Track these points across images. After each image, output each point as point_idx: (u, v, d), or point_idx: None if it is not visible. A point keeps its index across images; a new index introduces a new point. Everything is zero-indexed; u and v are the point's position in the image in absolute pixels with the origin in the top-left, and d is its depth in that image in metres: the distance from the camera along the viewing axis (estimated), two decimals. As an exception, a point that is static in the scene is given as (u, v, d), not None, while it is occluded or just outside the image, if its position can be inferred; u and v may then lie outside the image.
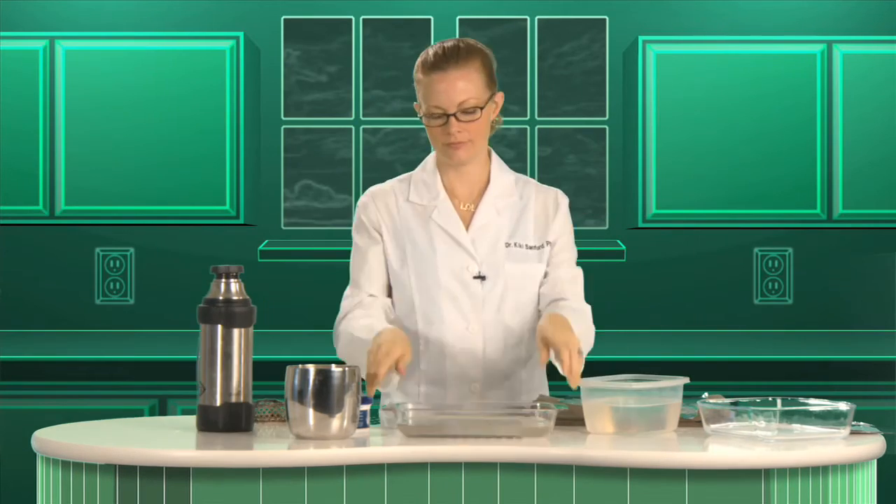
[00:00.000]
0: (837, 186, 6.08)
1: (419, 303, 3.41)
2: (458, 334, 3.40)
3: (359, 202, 3.52)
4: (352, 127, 6.48)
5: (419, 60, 3.40)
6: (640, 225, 6.14)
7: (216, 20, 6.34)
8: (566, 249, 3.51)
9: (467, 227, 3.44)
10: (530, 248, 3.45)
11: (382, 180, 3.58)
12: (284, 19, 6.46)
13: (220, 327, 3.10)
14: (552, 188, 3.55)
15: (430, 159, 3.51)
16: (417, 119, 6.44)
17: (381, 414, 3.26)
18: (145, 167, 6.06)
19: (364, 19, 6.46)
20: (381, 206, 3.48)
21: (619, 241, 6.40)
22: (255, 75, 6.32)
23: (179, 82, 6.06)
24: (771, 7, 6.37)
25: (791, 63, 6.08)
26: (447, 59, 3.34)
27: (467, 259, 3.41)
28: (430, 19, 6.45)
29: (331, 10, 6.47)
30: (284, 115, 6.47)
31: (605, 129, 6.43)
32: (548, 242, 3.46)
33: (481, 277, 3.40)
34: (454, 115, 3.34)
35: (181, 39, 6.12)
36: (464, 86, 3.33)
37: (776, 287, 6.45)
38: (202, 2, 6.38)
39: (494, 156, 3.52)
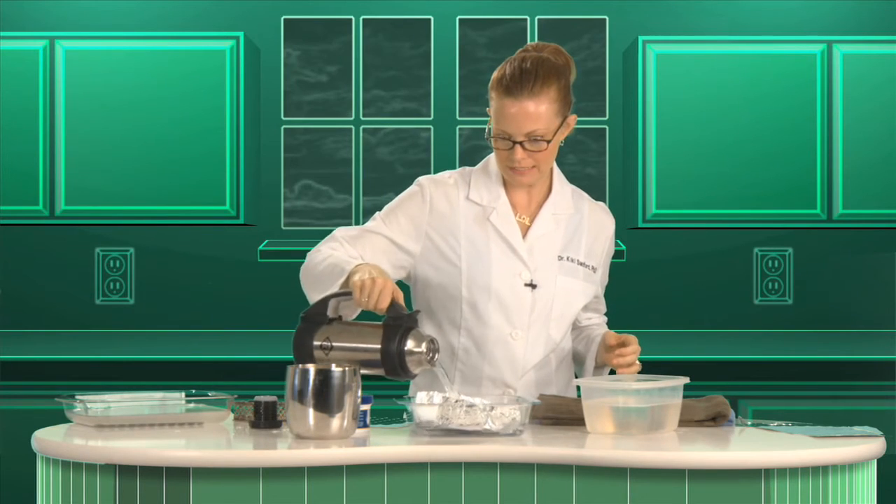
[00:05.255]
0: (837, 186, 6.08)
1: (466, 301, 3.36)
2: (502, 339, 3.35)
3: (420, 183, 3.40)
4: (352, 127, 6.48)
5: (496, 75, 3.28)
6: (640, 225, 6.14)
7: (216, 20, 6.34)
8: (602, 290, 3.57)
9: (524, 235, 3.38)
10: (580, 264, 3.42)
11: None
12: (284, 19, 6.46)
13: None
14: (602, 206, 3.54)
15: (493, 161, 3.40)
16: (417, 119, 6.48)
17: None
18: (145, 167, 6.06)
19: (364, 19, 6.46)
20: (441, 197, 3.38)
21: (619, 241, 6.39)
22: (255, 75, 6.32)
23: (179, 82, 6.06)
24: (771, 7, 6.36)
25: (791, 63, 6.08)
26: (522, 86, 3.23)
27: (521, 266, 3.36)
28: (430, 19, 6.45)
29: (331, 10, 6.47)
30: (284, 115, 6.47)
31: (605, 129, 6.43)
32: (593, 267, 3.46)
33: (532, 286, 3.37)
34: (521, 143, 3.26)
35: (181, 39, 6.12)
36: (534, 116, 3.24)
37: (776, 287, 6.44)
38: (202, 2, 6.38)
39: (556, 169, 3.46)
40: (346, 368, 2.98)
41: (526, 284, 3.36)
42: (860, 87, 6.07)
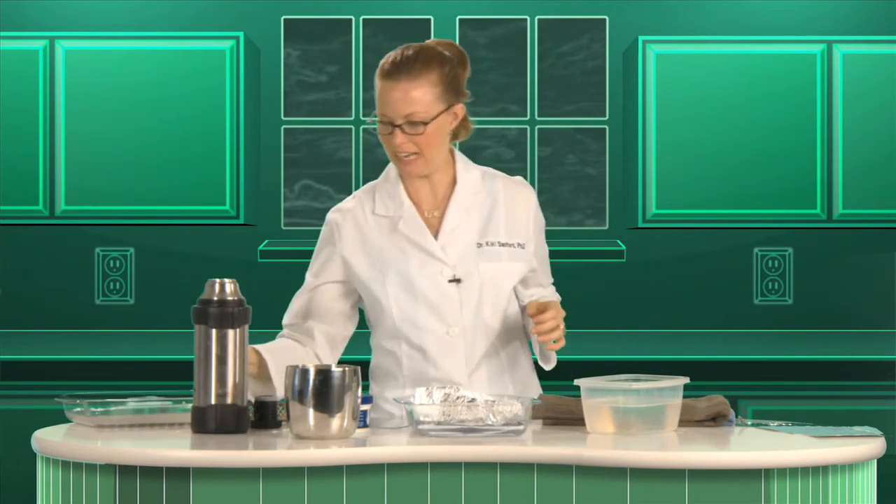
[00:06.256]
0: (837, 186, 6.08)
1: (397, 313, 3.39)
2: (440, 339, 3.38)
3: (326, 221, 3.49)
4: (352, 127, 6.48)
5: (381, 63, 3.34)
6: (640, 225, 6.14)
7: (216, 20, 6.34)
8: (541, 263, 3.50)
9: (437, 232, 3.41)
10: (502, 245, 3.42)
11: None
12: (284, 19, 6.46)
13: (214, 329, 3.11)
14: (519, 180, 3.50)
15: (392, 168, 3.47)
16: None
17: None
18: (145, 167, 6.06)
19: (364, 19, 6.46)
20: (348, 224, 3.45)
21: (619, 241, 6.40)
22: (255, 75, 6.32)
23: (179, 82, 6.06)
24: (771, 7, 6.37)
25: (791, 63, 6.08)
26: (400, 69, 3.29)
27: (439, 265, 3.38)
28: (430, 19, 6.45)
29: (331, 10, 6.47)
30: (284, 115, 6.47)
31: (604, 129, 6.43)
32: (519, 244, 3.43)
33: (457, 280, 3.39)
34: (399, 126, 3.31)
35: (181, 39, 6.12)
36: (413, 98, 3.28)
37: (776, 287, 6.45)
38: (202, 2, 6.38)
39: (459, 156, 3.47)
40: (346, 368, 2.98)
41: (450, 281, 3.38)
42: (860, 87, 6.07)
